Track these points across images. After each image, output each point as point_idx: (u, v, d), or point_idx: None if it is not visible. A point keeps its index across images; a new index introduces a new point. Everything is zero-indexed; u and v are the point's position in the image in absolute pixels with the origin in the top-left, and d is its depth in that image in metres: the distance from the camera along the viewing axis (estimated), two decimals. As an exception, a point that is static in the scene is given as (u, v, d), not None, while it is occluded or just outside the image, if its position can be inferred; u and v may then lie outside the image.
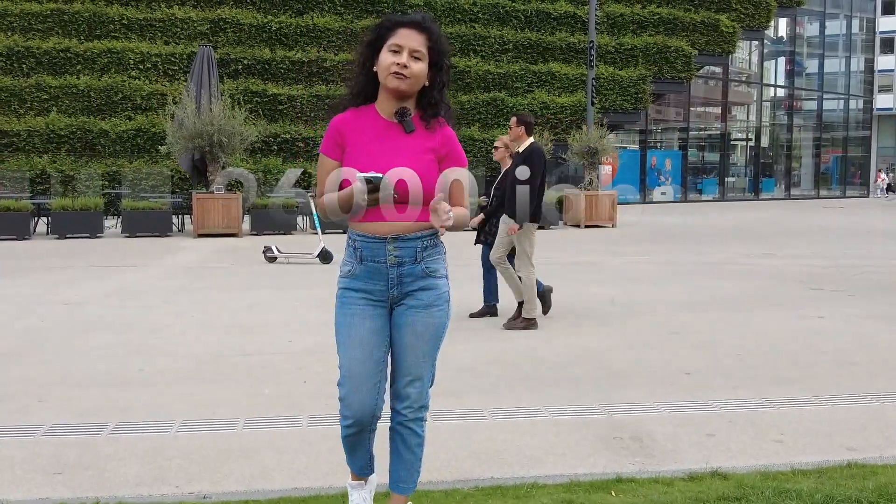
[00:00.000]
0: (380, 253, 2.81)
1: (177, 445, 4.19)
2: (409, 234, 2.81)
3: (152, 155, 20.77)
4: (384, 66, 2.76)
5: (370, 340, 2.87)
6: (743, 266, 11.70)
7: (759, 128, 37.42)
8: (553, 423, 4.53)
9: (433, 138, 2.85)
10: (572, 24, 27.84)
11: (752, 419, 4.61)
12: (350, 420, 2.90)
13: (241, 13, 24.12)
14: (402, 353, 2.91)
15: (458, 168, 2.89)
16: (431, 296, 2.89)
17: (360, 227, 2.83)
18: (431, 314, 2.90)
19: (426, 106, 2.85)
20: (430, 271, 2.87)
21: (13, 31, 22.42)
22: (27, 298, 8.73)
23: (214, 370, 5.78)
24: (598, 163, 19.64)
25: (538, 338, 6.83)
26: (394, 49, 2.76)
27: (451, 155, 2.88)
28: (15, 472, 3.83)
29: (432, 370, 3.00)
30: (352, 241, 2.87)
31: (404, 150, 2.80)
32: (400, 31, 2.78)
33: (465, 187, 2.90)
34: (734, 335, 6.95)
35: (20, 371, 5.72)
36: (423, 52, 2.78)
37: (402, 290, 2.86)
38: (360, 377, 2.86)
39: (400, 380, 2.94)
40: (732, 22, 30.39)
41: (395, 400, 2.95)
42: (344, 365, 2.89)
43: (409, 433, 2.96)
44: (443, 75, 2.85)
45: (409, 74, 2.75)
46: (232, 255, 13.01)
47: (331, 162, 2.87)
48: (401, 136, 2.82)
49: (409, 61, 2.74)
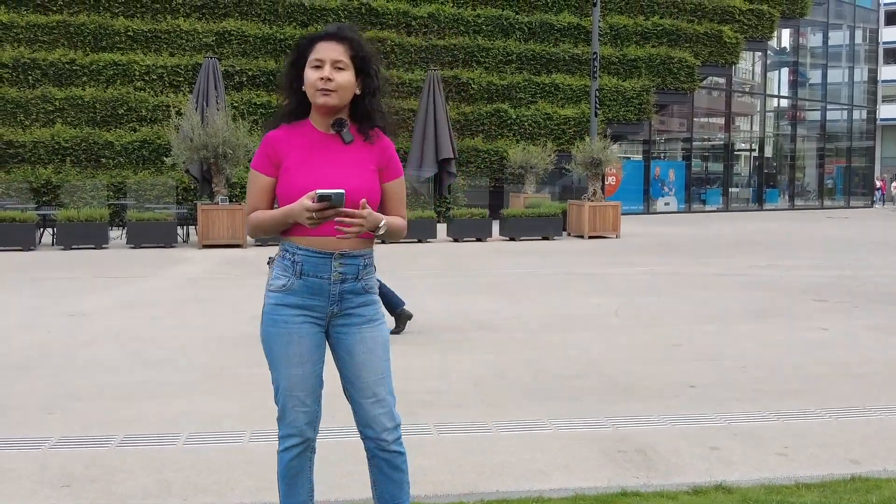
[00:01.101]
0: (324, 269, 2.74)
1: (183, 458, 4.22)
2: (354, 251, 2.78)
3: (157, 166, 20.84)
4: (310, 83, 2.73)
5: (310, 357, 2.80)
6: (747, 277, 11.71)
7: (763, 138, 37.43)
8: (557, 437, 4.55)
9: (372, 150, 2.82)
10: (576, 35, 27.93)
11: (756, 432, 4.63)
12: (295, 439, 2.84)
13: (246, 25, 24.24)
14: (359, 373, 2.82)
15: (398, 178, 2.87)
16: (370, 311, 2.85)
17: (304, 241, 2.73)
18: (375, 328, 2.85)
19: (361, 117, 2.82)
20: (368, 288, 2.85)
21: (19, 42, 22.55)
22: (33, 310, 8.77)
23: (220, 382, 5.80)
24: (601, 173, 19.66)
25: (542, 350, 6.85)
26: (316, 65, 2.72)
27: (390, 166, 2.85)
28: (23, 485, 3.85)
29: (392, 387, 2.90)
30: (290, 255, 2.76)
31: (345, 162, 2.76)
32: (318, 46, 2.74)
33: (402, 198, 2.88)
34: (738, 347, 6.96)
35: (27, 383, 5.75)
36: (346, 61, 2.74)
37: (341, 308, 2.80)
38: (303, 393, 2.81)
39: (364, 402, 2.83)
40: (736, 33, 30.45)
41: (367, 427, 2.84)
42: (283, 384, 2.81)
43: (393, 455, 2.86)
44: (372, 82, 2.80)
45: (333, 87, 2.71)
46: (237, 265, 13.05)
47: (263, 178, 2.80)
48: (340, 149, 2.78)
49: (332, 73, 2.71)
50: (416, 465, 4.02)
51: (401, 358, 6.39)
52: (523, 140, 24.71)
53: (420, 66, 25.30)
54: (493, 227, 18.47)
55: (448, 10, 26.66)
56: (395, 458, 2.86)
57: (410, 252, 15.24)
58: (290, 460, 2.86)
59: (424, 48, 25.74)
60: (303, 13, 25.15)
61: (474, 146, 24.30)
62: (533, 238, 18.17)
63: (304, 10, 25.16)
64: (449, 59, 25.91)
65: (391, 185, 2.85)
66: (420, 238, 17.49)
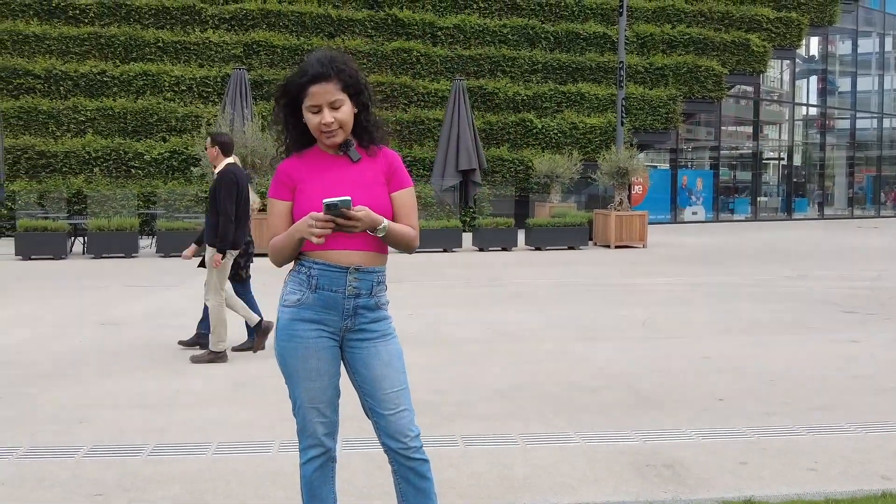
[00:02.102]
0: (339, 283, 2.78)
1: (214, 468, 4.27)
2: (368, 267, 2.82)
3: (186, 176, 21.08)
4: (312, 126, 2.79)
5: (327, 370, 2.84)
6: (775, 288, 11.61)
7: (792, 147, 37.10)
8: (585, 450, 4.55)
9: (377, 163, 2.87)
10: (602, 44, 27.89)
11: (786, 447, 4.59)
12: (316, 450, 2.87)
13: (274, 36, 24.47)
14: (379, 386, 2.84)
15: (405, 189, 2.90)
16: (383, 326, 2.88)
17: (321, 255, 2.78)
18: (389, 342, 2.87)
19: (361, 133, 2.87)
20: (380, 304, 2.87)
21: (51, 54, 22.92)
22: (65, 318, 8.90)
23: (249, 392, 5.86)
24: (627, 183, 19.60)
25: (568, 362, 6.84)
26: (314, 110, 2.77)
27: (396, 175, 2.88)
28: (57, 493, 3.92)
29: (410, 398, 2.91)
30: (305, 269, 2.81)
31: (355, 180, 2.81)
32: (311, 91, 2.76)
33: (412, 208, 2.90)
34: (767, 360, 6.91)
35: (60, 392, 5.84)
36: (341, 97, 2.77)
37: (354, 323, 2.83)
38: (322, 405, 2.85)
39: (386, 414, 2.84)
40: (763, 41, 30.24)
41: (390, 439, 2.85)
42: (301, 397, 2.85)
43: (418, 462, 2.87)
44: (364, 97, 2.84)
45: (336, 127, 2.78)
46: (264, 274, 13.13)
47: (281, 203, 2.85)
48: (349, 167, 2.84)
49: (331, 115, 2.76)
50: (443, 477, 4.04)
51: (426, 369, 6.42)
52: (549, 149, 24.70)
53: (446, 76, 25.38)
54: (518, 237, 18.46)
55: (474, 20, 26.74)
56: (419, 465, 2.88)
57: (435, 261, 15.27)
58: (312, 472, 2.90)
59: (450, 58, 25.83)
60: (329, 24, 25.35)
61: (500, 155, 24.31)
62: (559, 248, 18.13)
63: (330, 22, 25.35)
64: (474, 68, 25.97)
65: (398, 196, 2.87)
66: (445, 247, 17.52)
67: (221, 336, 6.89)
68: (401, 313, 8.98)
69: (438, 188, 20.49)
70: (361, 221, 2.66)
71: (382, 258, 2.87)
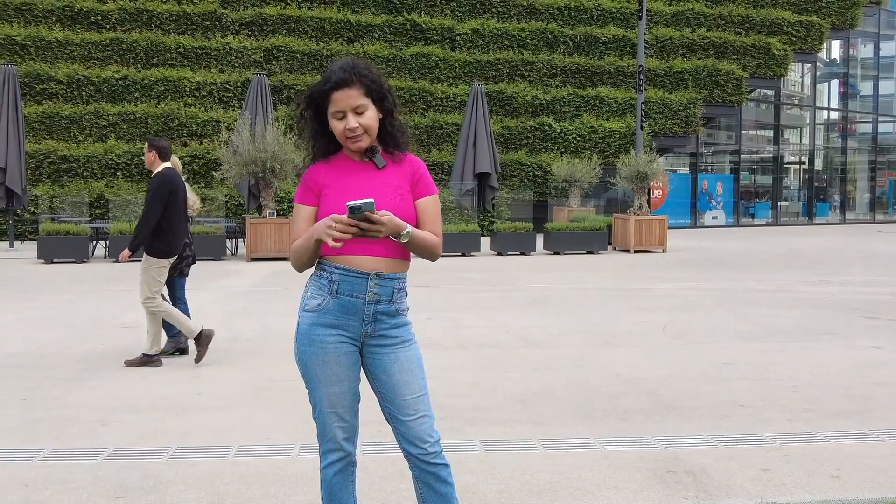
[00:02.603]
0: (360, 288, 2.78)
1: (234, 471, 4.29)
2: (389, 273, 2.81)
3: (207, 181, 21.23)
4: (338, 133, 2.80)
5: (347, 375, 2.84)
6: (797, 293, 11.52)
7: (813, 151, 36.83)
8: (605, 455, 4.53)
9: (402, 169, 2.87)
10: (621, 48, 27.83)
11: (808, 454, 4.56)
12: (336, 454, 2.88)
13: (294, 41, 24.60)
14: (399, 391, 2.84)
15: (430, 196, 2.89)
16: (403, 332, 2.87)
17: (342, 260, 2.78)
18: (408, 348, 2.87)
19: (387, 139, 2.88)
20: (400, 311, 2.87)
21: (74, 59, 23.16)
22: (87, 321, 8.98)
23: (269, 395, 5.88)
24: (647, 187, 19.53)
25: (588, 367, 6.82)
26: (338, 117, 2.78)
27: (421, 182, 2.87)
28: (80, 496, 3.95)
29: (430, 403, 2.91)
30: (327, 274, 2.81)
31: (380, 186, 2.81)
32: (334, 97, 2.77)
33: (436, 215, 2.88)
34: (789, 366, 6.86)
35: (82, 395, 5.89)
36: (364, 101, 2.78)
37: (374, 329, 2.83)
38: (342, 409, 2.86)
39: (406, 420, 2.84)
40: (784, 45, 30.06)
41: (411, 445, 2.85)
42: (320, 402, 2.85)
43: (438, 468, 2.86)
44: (388, 103, 2.85)
45: (361, 132, 2.78)
46: (284, 278, 13.21)
47: (306, 209, 2.86)
48: (374, 174, 2.84)
49: (355, 120, 2.77)
50: (463, 481, 4.04)
51: (446, 374, 6.43)
52: (567, 153, 24.66)
53: (464, 80, 25.42)
54: (536, 241, 18.43)
55: (492, 24, 26.77)
56: (440, 470, 2.87)
57: (454, 266, 15.28)
58: (332, 476, 2.91)
59: (468, 63, 25.87)
60: (348, 30, 25.46)
61: (518, 160, 24.31)
62: (577, 252, 18.09)
63: (349, 27, 25.46)
64: (493, 73, 25.99)
65: (423, 203, 2.87)
66: (464, 252, 17.52)
67: (157, 342, 6.84)
68: (420, 317, 8.99)
69: (457, 192, 20.51)
70: (385, 226, 2.65)
71: (404, 265, 2.87)
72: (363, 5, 26.20)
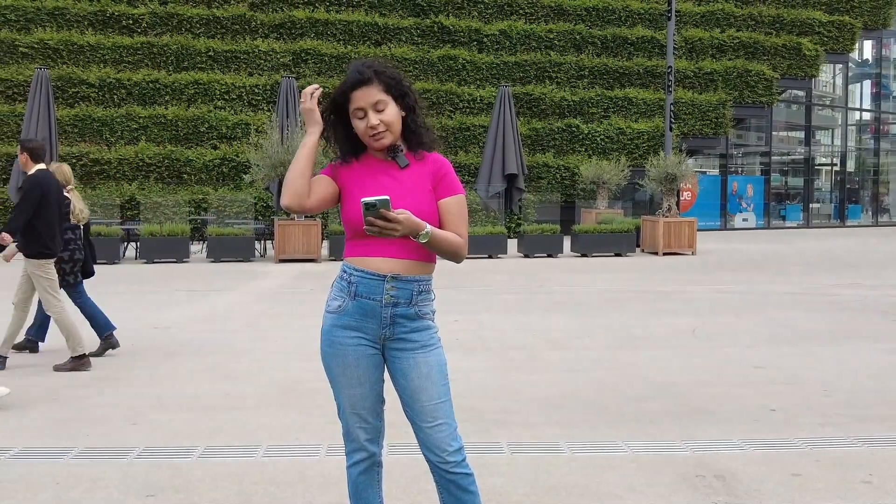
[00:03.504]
0: (377, 291, 2.76)
1: (262, 471, 4.31)
2: (407, 275, 2.78)
3: (236, 183, 21.39)
4: (360, 132, 2.80)
5: (367, 378, 2.84)
6: (829, 296, 11.37)
7: (845, 152, 36.34)
8: (633, 459, 4.50)
9: (425, 168, 2.84)
10: (650, 48, 27.66)
11: (840, 458, 4.49)
12: (360, 454, 2.89)
13: (322, 44, 24.73)
14: (417, 397, 2.81)
15: (454, 196, 2.85)
16: (424, 336, 2.83)
17: (360, 263, 2.79)
18: (429, 353, 2.83)
19: (409, 136, 2.86)
20: (421, 314, 2.83)
21: (105, 63, 23.44)
22: (118, 322, 9.06)
23: (297, 396, 5.91)
24: (676, 189, 19.38)
25: (615, 370, 6.78)
26: (359, 115, 2.79)
27: (444, 181, 2.84)
28: (111, 493, 3.99)
29: (452, 411, 2.87)
30: (346, 276, 2.81)
31: (401, 185, 2.79)
32: (354, 96, 2.78)
33: (460, 215, 2.84)
34: (820, 370, 6.77)
35: (113, 395, 5.95)
36: (384, 98, 2.78)
37: (393, 332, 2.81)
38: (364, 411, 2.86)
39: (423, 426, 2.82)
40: (815, 45, 29.70)
41: (429, 451, 2.83)
42: (343, 402, 2.86)
43: (459, 476, 2.83)
44: (409, 100, 2.84)
45: (383, 129, 2.78)
46: (312, 279, 13.27)
47: (324, 177, 2.87)
48: (397, 173, 2.82)
49: (376, 117, 2.77)
50: (489, 484, 4.03)
51: (471, 375, 6.42)
52: (595, 155, 24.55)
53: (491, 82, 25.40)
54: (564, 243, 18.35)
55: (520, 26, 26.72)
56: (461, 479, 2.83)
57: (481, 268, 15.26)
58: (357, 475, 2.92)
59: (496, 65, 25.84)
60: (376, 32, 25.54)
61: (545, 161, 24.23)
62: (605, 254, 17.99)
63: (377, 30, 25.55)
64: (520, 74, 25.93)
65: (446, 203, 2.83)
66: (490, 254, 17.50)
67: (77, 341, 6.75)
68: (446, 319, 8.99)
69: (485, 194, 20.48)
70: (401, 225, 2.61)
71: (426, 267, 2.83)
72: (390, 8, 26.27)
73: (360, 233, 2.73)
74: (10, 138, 21.43)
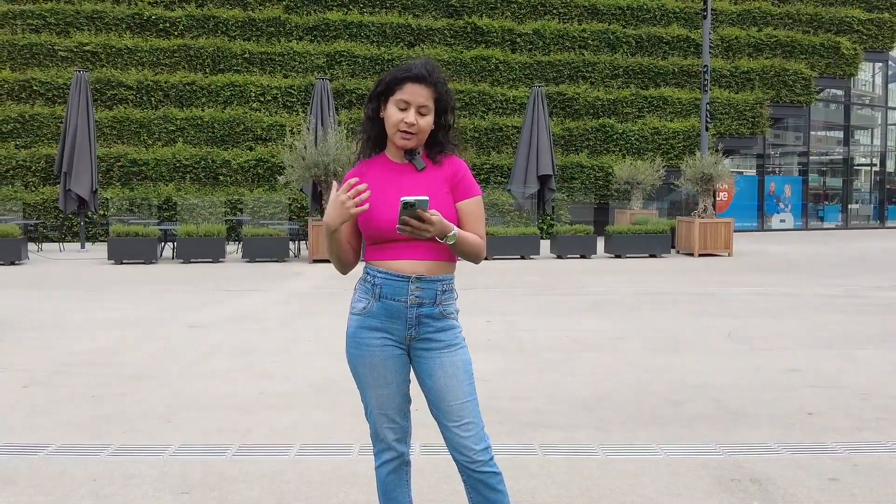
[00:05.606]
0: (401, 292, 2.78)
1: (295, 469, 4.34)
2: (431, 276, 2.79)
3: (271, 184, 21.58)
4: (392, 121, 2.78)
5: (394, 378, 2.85)
6: (868, 299, 11.18)
7: (885, 152, 35.71)
8: (667, 463, 4.46)
9: (443, 170, 2.84)
10: (685, 47, 27.42)
11: (879, 464, 4.41)
12: (389, 454, 2.90)
13: (356, 46, 24.86)
14: (443, 397, 2.82)
15: (472, 197, 2.86)
16: (449, 336, 2.83)
17: (383, 265, 2.80)
18: (454, 352, 2.83)
19: (432, 145, 2.86)
20: (446, 313, 2.83)
21: (143, 66, 23.78)
22: (154, 321, 9.19)
23: (330, 395, 5.94)
24: (712, 189, 19.19)
25: (649, 372, 6.72)
26: (401, 106, 2.78)
27: (462, 184, 2.85)
28: (146, 490, 4.04)
29: (478, 410, 2.87)
30: (370, 277, 2.83)
31: (419, 187, 2.79)
32: (407, 87, 2.77)
33: (478, 217, 2.85)
34: (859, 374, 6.65)
35: (149, 393, 6.03)
36: (430, 105, 2.79)
37: (419, 332, 2.82)
38: (391, 411, 2.87)
39: (450, 426, 2.83)
40: (854, 44, 29.24)
41: (455, 451, 2.83)
42: (370, 403, 2.88)
43: (487, 475, 2.83)
44: (448, 119, 2.86)
45: (416, 131, 2.78)
46: (345, 280, 13.32)
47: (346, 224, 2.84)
48: (414, 175, 2.82)
49: (415, 118, 2.77)
50: (522, 485, 4.02)
51: (504, 376, 6.40)
52: (630, 155, 24.39)
53: (524, 82, 25.34)
54: (597, 244, 18.25)
55: (553, 25, 26.63)
56: (489, 478, 2.83)
57: (513, 268, 15.23)
58: (386, 475, 2.94)
59: (529, 65, 25.78)
60: (409, 34, 25.61)
61: (579, 162, 24.12)
62: (639, 256, 17.86)
63: (410, 31, 25.62)
64: (554, 74, 25.85)
65: (465, 205, 2.84)
66: (523, 255, 17.46)
67: None
68: (479, 319, 8.98)
69: (520, 195, 20.43)
70: (434, 226, 2.63)
71: (448, 267, 2.85)
72: (424, 9, 26.33)
73: (383, 235, 2.76)
74: (51, 140, 21.82)
